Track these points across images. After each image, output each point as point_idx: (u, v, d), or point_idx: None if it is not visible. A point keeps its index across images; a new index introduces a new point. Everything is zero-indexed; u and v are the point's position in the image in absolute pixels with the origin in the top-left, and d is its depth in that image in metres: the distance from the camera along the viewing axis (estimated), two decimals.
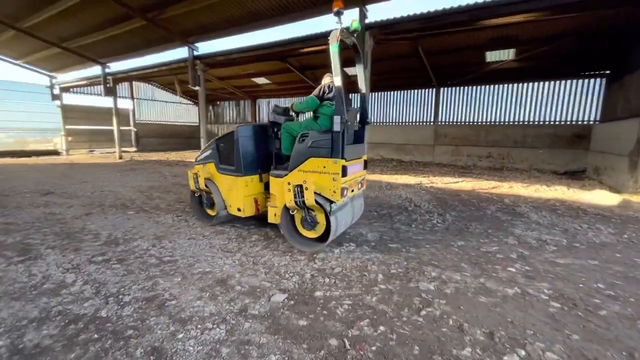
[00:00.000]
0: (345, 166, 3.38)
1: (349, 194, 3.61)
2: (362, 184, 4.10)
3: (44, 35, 11.24)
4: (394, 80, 14.30)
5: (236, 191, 4.16)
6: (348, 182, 3.56)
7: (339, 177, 3.34)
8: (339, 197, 3.37)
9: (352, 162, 3.62)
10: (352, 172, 3.64)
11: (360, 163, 3.94)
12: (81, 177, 8.79)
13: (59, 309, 2.40)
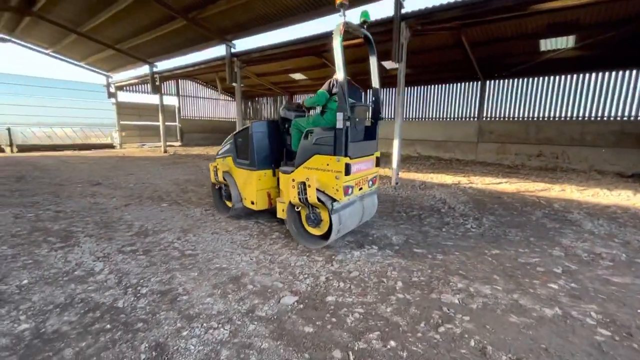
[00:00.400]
0: (348, 164, 3.27)
1: (355, 192, 3.53)
2: (373, 182, 3.94)
3: (100, 38, 12.22)
4: (434, 73, 13.55)
5: (250, 185, 4.24)
6: (354, 180, 3.47)
7: (341, 176, 3.26)
8: (341, 196, 3.30)
9: (359, 160, 3.53)
10: (359, 170, 3.56)
11: (370, 160, 3.82)
12: (128, 169, 9.46)
13: (83, 296, 2.53)
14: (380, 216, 4.93)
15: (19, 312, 2.31)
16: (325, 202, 3.34)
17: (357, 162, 3.49)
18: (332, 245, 3.71)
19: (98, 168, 9.62)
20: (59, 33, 12.47)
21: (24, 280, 2.79)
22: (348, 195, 3.40)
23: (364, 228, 4.33)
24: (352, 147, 3.39)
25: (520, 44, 10.04)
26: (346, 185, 3.33)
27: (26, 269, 3.01)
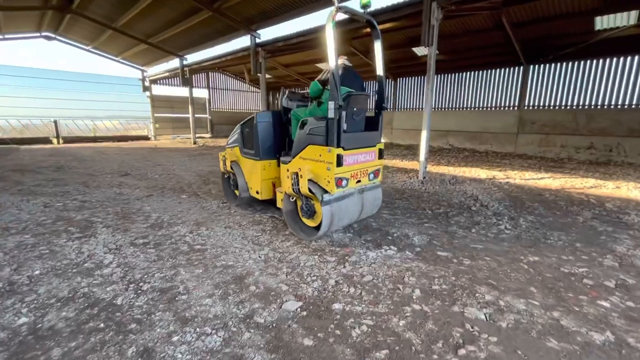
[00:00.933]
0: (340, 155, 3.16)
1: (351, 185, 3.42)
2: (375, 175, 3.74)
3: (132, 33, 12.62)
4: (470, 59, 12.61)
5: (255, 174, 4.24)
6: (349, 172, 3.35)
7: (333, 167, 3.15)
8: (333, 188, 3.19)
9: (356, 151, 3.40)
10: (357, 162, 3.43)
11: (371, 152, 3.63)
12: (157, 160, 9.74)
13: (85, 290, 2.50)
14: (402, 213, 4.58)
15: (22, 304, 2.30)
16: (316, 194, 3.26)
17: (353, 153, 3.36)
18: (347, 244, 3.46)
19: (129, 159, 10.00)
20: (96, 29, 13.04)
21: (36, 270, 2.82)
22: (341, 188, 3.29)
23: (383, 226, 4.03)
24: (347, 138, 3.28)
25: (571, 23, 8.99)
26: (338, 176, 3.22)
27: (41, 258, 3.06)
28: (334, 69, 3.05)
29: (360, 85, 3.84)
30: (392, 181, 6.77)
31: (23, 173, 7.30)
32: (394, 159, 10.20)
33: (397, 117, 16.32)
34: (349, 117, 3.38)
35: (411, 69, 14.82)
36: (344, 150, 3.23)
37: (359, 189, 3.59)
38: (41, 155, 10.51)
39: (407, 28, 10.45)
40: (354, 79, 3.76)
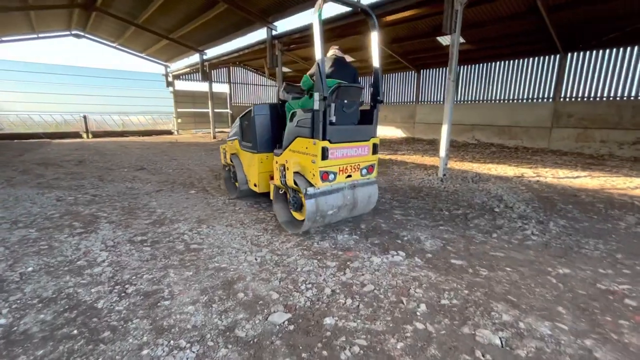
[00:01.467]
0: (325, 148, 3.09)
1: (340, 179, 3.33)
2: (369, 171, 3.60)
3: (154, 29, 12.80)
4: (499, 48, 11.78)
5: (253, 167, 4.23)
6: (337, 165, 3.27)
7: (318, 160, 3.09)
8: (317, 181, 3.14)
9: (345, 145, 3.30)
10: (346, 156, 3.34)
11: (364, 146, 3.51)
12: (174, 154, 9.84)
13: (70, 291, 2.40)
14: (416, 214, 4.24)
15: (5, 304, 2.23)
16: (301, 186, 3.20)
17: (341, 147, 3.27)
18: (351, 247, 3.20)
19: (148, 153, 10.17)
20: (120, 26, 13.36)
21: (30, 267, 2.77)
22: (328, 182, 3.22)
23: (393, 228, 3.72)
24: (335, 131, 3.21)
25: (616, 5, 8.08)
26: (324, 170, 3.16)
27: (39, 254, 3.03)
28: (319, 60, 2.96)
29: (353, 77, 3.76)
30: (410, 178, 6.39)
31: (46, 166, 7.56)
32: (414, 155, 9.73)
33: (420, 111, 15.67)
34: (338, 109, 3.28)
35: (435, 59, 14.11)
36: (331, 143, 3.15)
37: (350, 184, 3.47)
38: (67, 149, 10.94)
39: (431, 16, 9.85)
40: (347, 71, 3.70)
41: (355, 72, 3.85)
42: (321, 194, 3.22)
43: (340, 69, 3.65)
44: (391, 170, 7.32)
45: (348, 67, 3.78)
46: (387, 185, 5.87)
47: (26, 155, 9.51)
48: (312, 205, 3.16)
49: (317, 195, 3.19)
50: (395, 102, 17.23)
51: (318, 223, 3.39)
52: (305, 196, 3.16)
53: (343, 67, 3.71)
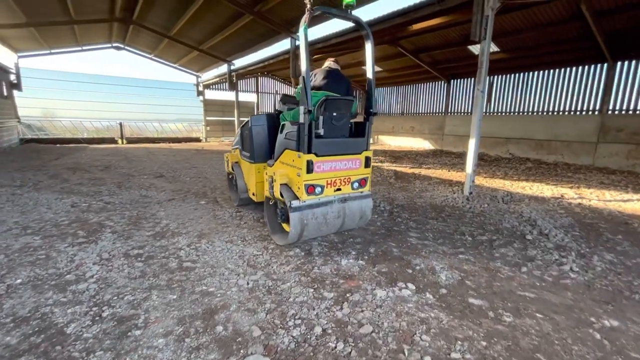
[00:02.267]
0: (310, 161, 3.06)
1: (327, 192, 3.27)
2: (361, 184, 3.51)
3: (185, 40, 13.29)
4: (537, 57, 10.96)
5: (251, 176, 4.24)
6: (324, 179, 3.22)
7: (303, 173, 3.06)
8: (302, 194, 3.11)
9: (334, 158, 3.25)
10: (335, 169, 3.28)
11: (355, 159, 3.43)
12: (195, 162, 9.97)
13: (46, 310, 2.27)
14: (434, 238, 3.82)
15: None
16: (286, 199, 3.17)
17: (329, 160, 3.22)
18: (355, 275, 2.87)
19: (172, 160, 10.39)
20: (155, 38, 14.02)
21: (19, 279, 2.71)
22: (314, 195, 3.17)
23: (406, 253, 3.34)
24: (322, 144, 3.17)
25: None
26: (309, 183, 3.12)
27: (34, 265, 2.98)
28: (304, 73, 2.95)
29: (346, 89, 3.72)
30: (432, 195, 5.92)
31: (74, 171, 7.88)
32: (440, 169, 9.17)
33: (449, 122, 14.97)
34: (326, 122, 3.22)
35: (467, 69, 13.46)
36: (317, 156, 3.12)
37: (340, 198, 3.38)
38: (100, 155, 11.47)
39: (462, 24, 9.39)
40: (340, 83, 3.67)
41: (349, 84, 3.80)
42: (307, 207, 3.15)
43: (333, 81, 3.62)
44: (413, 185, 6.87)
45: (342, 79, 3.74)
46: (405, 202, 5.45)
47: (61, 159, 10.05)
48: (296, 217, 3.09)
49: (302, 209, 3.12)
50: (423, 113, 16.62)
51: (305, 236, 3.31)
52: (290, 209, 3.09)
53: (336, 79, 3.67)
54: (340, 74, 3.80)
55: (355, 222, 3.58)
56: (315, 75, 3.69)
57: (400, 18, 7.02)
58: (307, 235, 3.31)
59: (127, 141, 17.29)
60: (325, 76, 3.64)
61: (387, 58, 14.02)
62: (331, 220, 3.33)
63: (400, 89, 17.77)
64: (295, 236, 3.22)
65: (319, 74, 3.69)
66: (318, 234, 3.40)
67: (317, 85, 3.60)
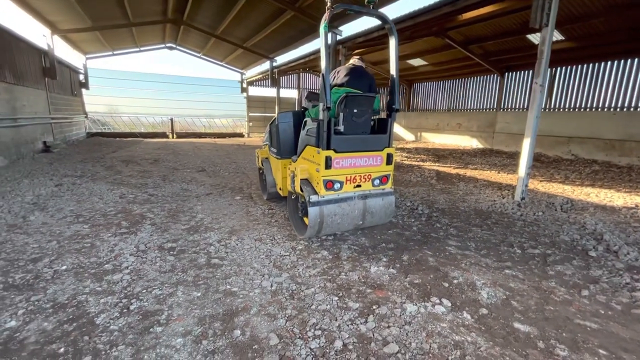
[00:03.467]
0: (329, 157, 3.12)
1: (347, 189, 3.33)
2: (382, 181, 3.51)
3: (230, 39, 13.72)
4: (610, 45, 9.59)
5: (278, 172, 4.34)
6: (343, 175, 3.28)
7: (321, 169, 3.13)
8: (321, 189, 3.18)
9: (354, 155, 3.30)
10: (354, 166, 3.32)
11: (376, 156, 3.44)
12: (236, 157, 10.27)
13: (82, 298, 2.40)
14: (477, 248, 3.47)
15: (25, 304, 2.31)
16: (305, 193, 3.24)
17: (349, 156, 3.27)
18: (384, 284, 2.67)
19: (214, 155, 10.81)
20: (203, 37, 14.66)
21: (64, 265, 2.91)
22: (333, 190, 3.24)
23: (443, 264, 3.06)
24: (342, 140, 3.23)
25: None
26: (327, 179, 3.19)
27: (79, 252, 3.19)
28: (323, 71, 3.06)
29: (369, 86, 3.70)
30: (477, 200, 5.44)
31: (127, 164, 8.51)
32: (488, 170, 8.47)
33: (502, 119, 13.80)
34: (347, 118, 3.25)
35: (524, 60, 12.26)
36: (337, 152, 3.17)
37: (361, 194, 3.41)
38: (151, 148, 12.30)
39: (519, 10, 8.52)
40: (363, 80, 3.67)
41: (372, 80, 3.77)
42: (326, 202, 3.20)
43: (355, 79, 3.62)
44: (456, 187, 6.39)
45: (365, 76, 3.73)
46: (446, 206, 5.06)
47: (118, 152, 10.94)
48: (314, 212, 3.16)
49: (321, 204, 3.18)
50: (472, 109, 15.52)
51: (324, 232, 3.39)
52: (309, 204, 3.16)
53: (359, 76, 3.66)
54: (364, 71, 3.77)
55: (376, 219, 3.58)
56: (338, 72, 3.72)
57: (448, 7, 6.50)
58: (326, 230, 3.34)
59: (177, 136, 18.40)
60: (348, 73, 3.63)
61: (433, 51, 13.25)
62: (350, 216, 3.36)
63: (447, 83, 16.76)
64: (313, 230, 3.27)
65: (342, 71, 3.71)
66: (337, 229, 3.44)
67: (339, 83, 3.63)
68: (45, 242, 3.42)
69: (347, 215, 3.33)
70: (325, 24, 3.11)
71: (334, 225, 3.32)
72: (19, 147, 8.59)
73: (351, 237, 3.70)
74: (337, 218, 3.29)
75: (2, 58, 8.08)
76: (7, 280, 2.63)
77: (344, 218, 3.33)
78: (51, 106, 11.21)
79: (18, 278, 2.67)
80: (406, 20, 7.52)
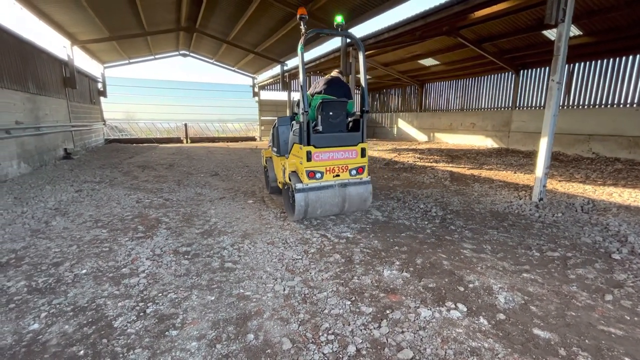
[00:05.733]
0: (309, 151, 3.85)
1: (327, 178, 4.00)
2: (358, 172, 4.18)
3: (242, 44, 13.92)
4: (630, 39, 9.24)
5: (278, 168, 4.93)
6: (323, 166, 3.96)
7: (304, 161, 3.86)
8: (304, 179, 3.89)
9: (331, 149, 4.00)
10: (332, 159, 4.02)
11: (351, 150, 4.14)
12: (248, 161, 10.38)
13: (100, 302, 2.46)
14: (493, 251, 3.38)
15: (47, 307, 2.39)
16: (292, 182, 3.93)
17: (327, 151, 3.97)
18: (398, 288, 2.64)
19: (227, 159, 10.95)
20: (215, 44, 14.93)
21: (84, 269, 3.00)
22: (315, 179, 3.92)
23: (458, 267, 3.00)
24: (320, 137, 3.95)
25: None
26: (309, 169, 3.88)
27: (98, 256, 3.28)
28: (302, 83, 3.86)
29: (344, 94, 4.30)
30: (493, 201, 5.32)
31: (143, 169, 8.72)
32: (504, 170, 8.27)
33: (517, 117, 13.48)
34: (324, 120, 4.01)
35: (540, 57, 11.95)
36: (316, 147, 3.88)
37: (340, 183, 4.07)
38: (166, 153, 12.57)
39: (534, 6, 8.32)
40: (339, 88, 4.32)
41: (348, 89, 4.43)
42: (310, 190, 3.89)
43: (332, 87, 4.29)
44: (470, 188, 6.27)
45: (341, 85, 4.41)
46: (461, 208, 4.97)
47: (134, 157, 11.23)
48: (299, 197, 3.87)
49: (305, 190, 3.88)
50: (486, 108, 15.22)
51: (310, 214, 4.05)
52: (295, 190, 3.86)
53: (336, 85, 4.34)
54: (340, 81, 4.47)
55: (356, 203, 4.23)
56: (319, 83, 4.43)
57: (459, 5, 6.41)
58: (312, 213, 4.03)
59: (191, 140, 18.75)
60: (326, 83, 4.33)
61: (445, 50, 13.07)
62: (331, 201, 4.04)
63: (460, 82, 16.50)
64: (300, 213, 3.97)
65: (321, 81, 4.42)
66: (322, 212, 4.11)
67: (318, 91, 4.30)
68: (66, 246, 3.53)
69: (329, 199, 4.01)
70: (301, 46, 3.81)
71: (318, 208, 4.00)
72: (42, 155, 8.93)
73: (363, 240, 3.68)
74: (320, 202, 3.97)
75: (25, 70, 8.44)
76: (31, 283, 2.73)
77: (327, 202, 4.01)
78: (71, 114, 11.62)
79: (41, 282, 2.76)
80: (417, 20, 7.46)
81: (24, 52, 8.51)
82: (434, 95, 18.15)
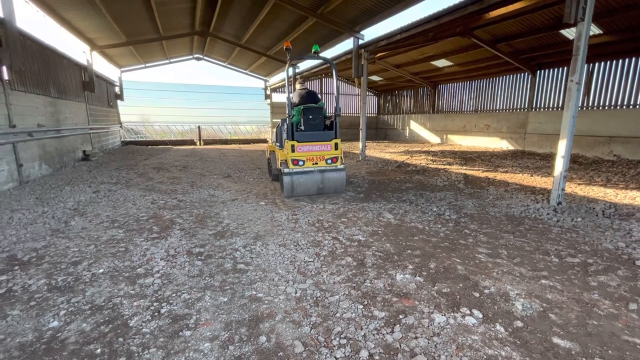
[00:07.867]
0: (293, 145, 5.34)
1: (308, 165, 5.44)
2: (333, 161, 5.59)
3: (254, 48, 14.07)
4: None
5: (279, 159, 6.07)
6: (304, 156, 5.42)
7: (289, 152, 5.35)
8: (289, 165, 5.35)
9: (310, 143, 5.48)
10: (311, 150, 5.47)
11: (327, 144, 5.58)
12: (260, 163, 10.45)
13: (117, 301, 2.51)
14: (509, 256, 3.30)
15: (66, 305, 2.45)
16: (282, 168, 5.44)
17: (307, 144, 5.45)
18: (411, 293, 2.60)
19: (239, 161, 11.06)
20: (228, 47, 15.14)
21: (101, 269, 3.06)
22: (298, 166, 5.38)
23: (473, 272, 2.93)
24: (302, 134, 5.47)
25: None
26: (293, 158, 5.34)
27: (115, 256, 3.36)
28: (287, 96, 5.48)
29: (314, 99, 6.04)
30: (508, 204, 5.19)
31: (158, 171, 8.89)
32: (520, 173, 8.07)
33: (534, 119, 13.17)
34: (306, 121, 5.56)
35: (558, 57, 11.67)
36: (299, 142, 5.40)
37: (319, 169, 5.52)
38: (180, 156, 12.79)
39: (552, 5, 8.14)
40: (309, 97, 6.04)
41: (315, 95, 6.14)
42: (295, 173, 5.38)
43: (307, 97, 6.02)
44: (485, 192, 6.14)
45: (310, 93, 6.13)
46: (475, 211, 4.87)
47: (149, 159, 11.46)
48: (287, 179, 5.39)
49: (291, 174, 5.38)
50: (501, 109, 14.92)
51: (296, 193, 5.50)
52: (283, 174, 5.42)
53: (309, 95, 6.08)
54: (310, 91, 6.15)
55: (332, 186, 5.66)
56: (294, 97, 6.08)
57: (474, 6, 6.31)
58: (297, 192, 5.47)
59: (204, 142, 19.03)
60: (301, 96, 6.04)
61: (459, 51, 12.90)
62: (311, 182, 5.49)
63: (473, 83, 16.24)
64: (288, 190, 5.44)
65: (296, 95, 6.09)
66: (305, 192, 5.52)
67: (299, 102, 5.95)
68: (84, 246, 3.63)
69: (309, 181, 5.46)
70: (287, 69, 5.85)
71: (301, 188, 5.46)
72: (62, 156, 9.22)
73: (376, 243, 3.65)
74: (303, 183, 5.42)
75: (47, 74, 8.75)
76: (51, 282, 2.81)
77: (308, 183, 5.45)
78: (90, 117, 11.97)
79: (60, 280, 2.84)
80: (430, 21, 7.39)
81: (46, 57, 8.82)
82: (447, 97, 17.91)
